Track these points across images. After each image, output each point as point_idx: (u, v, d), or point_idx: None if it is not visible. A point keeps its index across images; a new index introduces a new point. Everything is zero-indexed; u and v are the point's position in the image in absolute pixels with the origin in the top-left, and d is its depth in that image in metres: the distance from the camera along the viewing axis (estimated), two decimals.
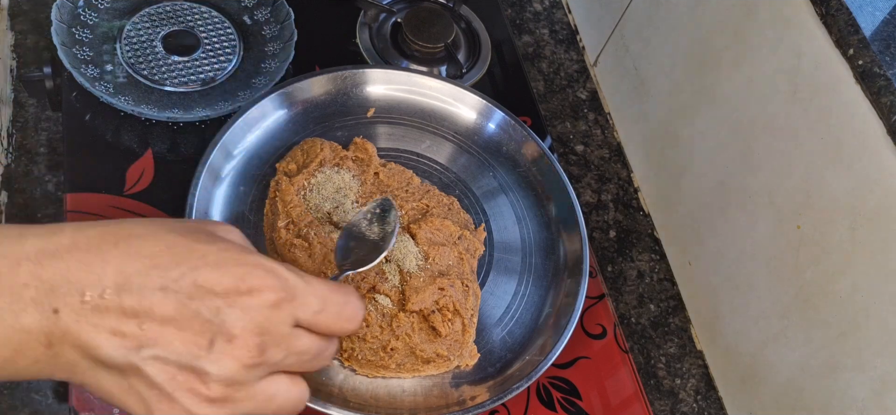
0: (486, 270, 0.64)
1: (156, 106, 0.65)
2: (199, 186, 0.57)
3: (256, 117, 0.64)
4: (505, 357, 0.60)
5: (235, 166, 0.62)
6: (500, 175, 0.69)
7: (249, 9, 0.74)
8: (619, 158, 0.85)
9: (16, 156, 0.66)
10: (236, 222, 0.59)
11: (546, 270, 0.65)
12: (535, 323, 0.62)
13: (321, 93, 0.68)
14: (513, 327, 0.62)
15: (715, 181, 0.72)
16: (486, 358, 0.59)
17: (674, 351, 0.74)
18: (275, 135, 0.65)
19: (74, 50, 0.65)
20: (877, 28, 0.61)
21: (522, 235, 0.67)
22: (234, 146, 0.62)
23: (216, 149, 0.60)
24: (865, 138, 0.55)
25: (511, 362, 0.59)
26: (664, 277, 0.78)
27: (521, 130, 0.70)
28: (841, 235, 0.58)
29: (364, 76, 0.69)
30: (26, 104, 0.69)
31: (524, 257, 0.66)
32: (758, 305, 0.67)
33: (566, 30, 0.94)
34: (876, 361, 0.56)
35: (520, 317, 0.62)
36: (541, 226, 0.68)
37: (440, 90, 0.71)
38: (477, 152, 0.70)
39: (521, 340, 0.61)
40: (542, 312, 0.63)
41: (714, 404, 0.72)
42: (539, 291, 0.64)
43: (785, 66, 0.63)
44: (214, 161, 0.59)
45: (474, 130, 0.71)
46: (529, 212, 0.68)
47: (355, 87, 0.69)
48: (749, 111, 0.67)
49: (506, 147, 0.71)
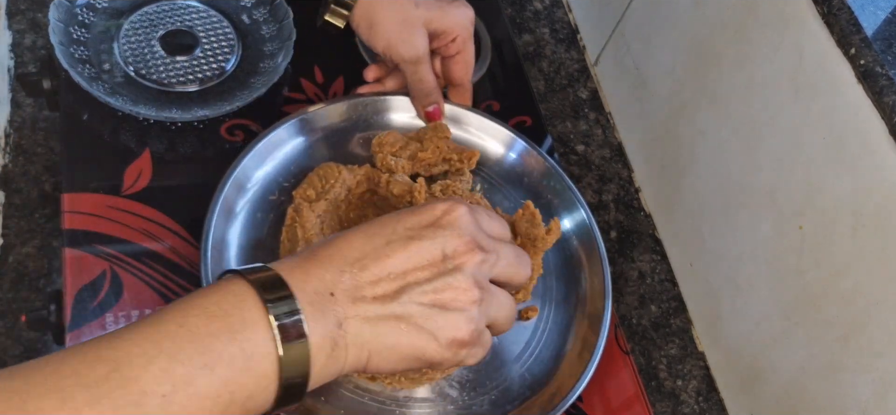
0: None
1: (154, 106, 0.64)
2: (215, 215, 0.56)
3: (272, 145, 0.62)
4: (524, 394, 0.58)
5: (250, 198, 0.60)
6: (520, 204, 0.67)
7: (248, 8, 0.73)
8: (620, 158, 0.85)
9: (13, 156, 0.66)
10: (253, 249, 0.58)
11: (568, 303, 0.63)
12: (556, 359, 0.60)
13: (339, 120, 0.66)
14: (531, 365, 0.60)
15: (716, 181, 0.72)
16: (503, 395, 0.58)
17: (675, 352, 0.74)
18: (291, 161, 0.63)
19: (72, 49, 0.65)
20: (879, 27, 0.61)
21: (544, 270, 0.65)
22: (249, 177, 0.60)
23: (231, 180, 0.58)
24: (867, 138, 0.55)
25: (529, 398, 0.58)
26: (665, 278, 0.78)
27: (541, 159, 0.68)
28: (843, 235, 0.58)
29: (385, 104, 0.67)
30: (24, 104, 0.69)
31: (545, 290, 0.64)
32: (759, 306, 0.67)
33: (567, 29, 0.93)
34: (878, 362, 0.56)
35: (539, 354, 0.60)
36: (562, 259, 0.65)
37: (468, 121, 0.69)
38: (497, 182, 0.68)
39: (541, 377, 0.59)
40: (563, 347, 0.61)
41: (715, 405, 0.72)
42: (560, 326, 0.62)
43: (786, 66, 0.62)
44: (229, 193, 0.58)
45: (497, 160, 0.69)
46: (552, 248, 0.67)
47: (375, 115, 0.68)
48: (750, 111, 0.67)
49: (527, 177, 0.69)
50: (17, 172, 0.65)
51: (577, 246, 0.66)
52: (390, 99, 0.68)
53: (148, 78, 0.66)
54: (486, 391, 0.58)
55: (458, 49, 0.66)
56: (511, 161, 0.69)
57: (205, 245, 0.55)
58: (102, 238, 0.58)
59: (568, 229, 0.66)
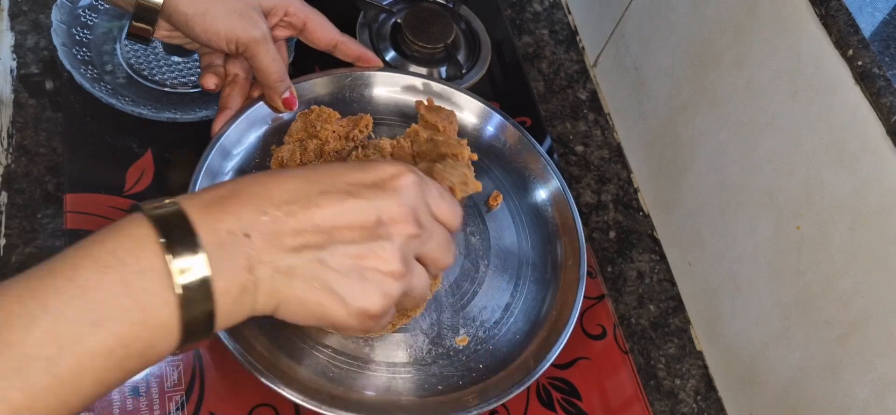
0: (483, 272, 0.64)
1: (156, 106, 0.65)
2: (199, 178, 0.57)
3: (256, 118, 0.63)
4: (504, 359, 0.60)
5: (234, 166, 0.62)
6: (499, 178, 0.69)
7: None
8: (619, 159, 0.85)
9: (15, 156, 0.66)
10: None
11: (544, 271, 0.65)
12: (534, 324, 0.62)
13: (323, 94, 0.67)
14: (511, 327, 0.62)
15: (715, 182, 0.72)
16: (487, 356, 0.59)
17: (674, 352, 0.74)
18: (273, 134, 0.65)
19: (74, 50, 0.65)
20: (876, 28, 0.61)
21: (519, 237, 0.67)
22: (234, 146, 0.62)
23: (215, 149, 0.59)
24: (866, 139, 0.55)
25: (510, 363, 0.59)
26: (664, 278, 0.78)
27: (520, 134, 0.70)
28: (841, 235, 0.58)
29: (366, 79, 0.69)
30: (26, 105, 0.69)
31: (521, 260, 0.66)
32: (758, 306, 0.67)
33: (566, 30, 0.94)
34: (877, 362, 0.56)
35: (516, 320, 0.62)
36: (539, 228, 0.68)
37: (441, 94, 0.71)
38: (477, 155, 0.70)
39: (522, 340, 0.61)
40: (540, 312, 0.63)
41: (714, 404, 0.72)
42: (538, 293, 0.64)
43: (785, 67, 0.62)
44: (213, 161, 0.59)
45: (474, 134, 0.71)
46: (528, 216, 0.68)
47: (354, 90, 0.69)
48: (749, 112, 0.67)
49: (505, 150, 0.71)
50: (20, 173, 0.66)
51: (554, 214, 0.68)
52: (372, 75, 0.69)
53: (150, 79, 0.66)
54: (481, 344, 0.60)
55: (301, 20, 0.63)
56: (489, 135, 0.71)
57: None
58: None
59: (544, 199, 0.68)
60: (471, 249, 0.65)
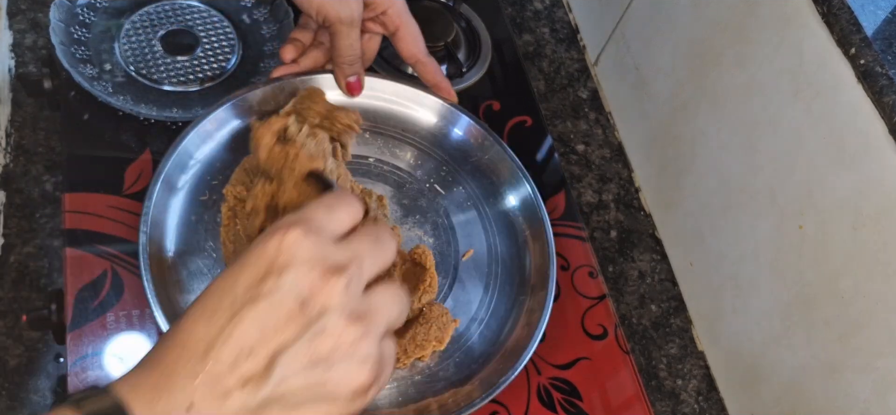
0: (452, 276, 0.63)
1: (154, 105, 0.64)
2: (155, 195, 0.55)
3: (211, 130, 0.61)
4: (488, 352, 0.59)
5: (181, 198, 0.59)
6: (466, 181, 0.68)
7: (248, 8, 0.74)
8: (620, 158, 0.85)
9: (14, 155, 0.66)
10: (193, 255, 0.57)
11: (513, 272, 0.64)
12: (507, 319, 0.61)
13: (261, 107, 0.64)
14: (489, 321, 0.61)
15: (717, 181, 0.72)
16: (467, 355, 0.59)
17: (675, 352, 0.74)
18: (216, 158, 0.62)
19: (73, 49, 0.65)
20: (879, 27, 0.61)
21: (489, 243, 0.65)
22: (173, 185, 0.59)
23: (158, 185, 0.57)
24: (868, 138, 0.55)
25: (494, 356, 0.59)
26: (665, 278, 0.78)
27: (487, 135, 0.68)
28: (843, 235, 0.58)
29: (316, 82, 0.65)
30: (24, 104, 0.69)
31: (491, 264, 0.64)
32: (759, 306, 0.67)
33: (567, 29, 0.93)
34: (878, 361, 0.56)
35: (495, 311, 0.62)
36: (508, 235, 0.66)
37: (399, 93, 0.68)
38: (442, 158, 0.68)
39: (500, 333, 0.61)
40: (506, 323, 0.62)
41: (715, 405, 0.72)
42: (505, 302, 0.63)
43: (787, 66, 0.62)
44: (158, 199, 0.56)
45: (438, 135, 0.69)
46: (497, 223, 0.66)
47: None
48: (751, 111, 0.67)
49: (473, 154, 0.68)
50: (18, 172, 0.65)
51: (523, 222, 0.66)
52: (313, 79, 0.65)
53: (148, 78, 0.66)
54: (449, 355, 0.59)
55: (395, 24, 0.64)
56: (457, 138, 0.69)
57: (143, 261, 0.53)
58: (103, 238, 0.58)
59: (513, 206, 0.67)
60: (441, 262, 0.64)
